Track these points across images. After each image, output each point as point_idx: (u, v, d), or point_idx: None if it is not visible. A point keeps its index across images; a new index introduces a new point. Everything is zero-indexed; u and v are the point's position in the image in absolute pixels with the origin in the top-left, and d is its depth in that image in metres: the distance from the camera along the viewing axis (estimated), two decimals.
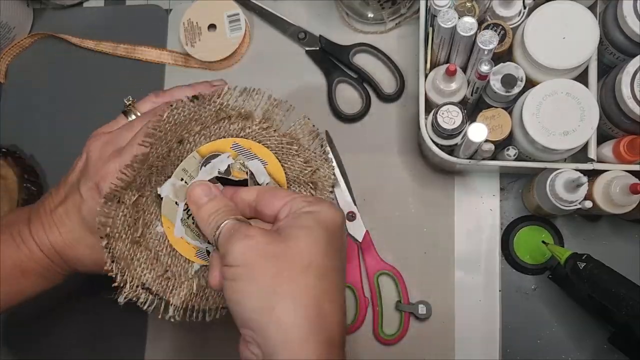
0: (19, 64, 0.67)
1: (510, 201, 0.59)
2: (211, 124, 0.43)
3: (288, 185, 0.46)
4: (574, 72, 0.50)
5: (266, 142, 0.45)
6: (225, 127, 0.44)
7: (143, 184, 0.42)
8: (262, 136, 0.45)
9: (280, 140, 0.45)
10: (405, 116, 0.61)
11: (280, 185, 0.45)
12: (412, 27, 0.62)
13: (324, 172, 0.48)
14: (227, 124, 0.44)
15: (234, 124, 0.44)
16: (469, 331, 0.56)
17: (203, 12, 0.63)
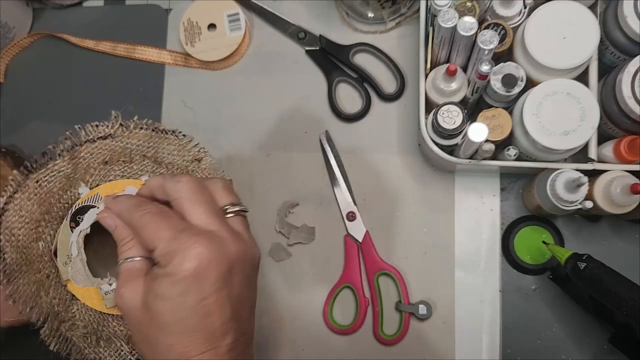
0: (18, 63, 0.67)
1: (511, 201, 0.59)
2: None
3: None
4: (574, 72, 0.50)
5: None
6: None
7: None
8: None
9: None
10: (405, 116, 0.61)
11: None
12: (412, 27, 0.62)
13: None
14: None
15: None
16: (469, 331, 0.56)
17: (203, 11, 0.63)
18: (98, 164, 0.47)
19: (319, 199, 0.60)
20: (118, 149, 0.47)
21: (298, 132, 0.62)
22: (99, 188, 0.47)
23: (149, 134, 0.48)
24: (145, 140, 0.48)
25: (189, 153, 0.49)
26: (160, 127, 0.48)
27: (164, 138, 0.48)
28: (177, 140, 0.49)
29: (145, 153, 0.48)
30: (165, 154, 0.49)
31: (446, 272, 0.57)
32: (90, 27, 0.66)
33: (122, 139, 0.47)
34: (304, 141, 0.62)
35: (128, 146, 0.47)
